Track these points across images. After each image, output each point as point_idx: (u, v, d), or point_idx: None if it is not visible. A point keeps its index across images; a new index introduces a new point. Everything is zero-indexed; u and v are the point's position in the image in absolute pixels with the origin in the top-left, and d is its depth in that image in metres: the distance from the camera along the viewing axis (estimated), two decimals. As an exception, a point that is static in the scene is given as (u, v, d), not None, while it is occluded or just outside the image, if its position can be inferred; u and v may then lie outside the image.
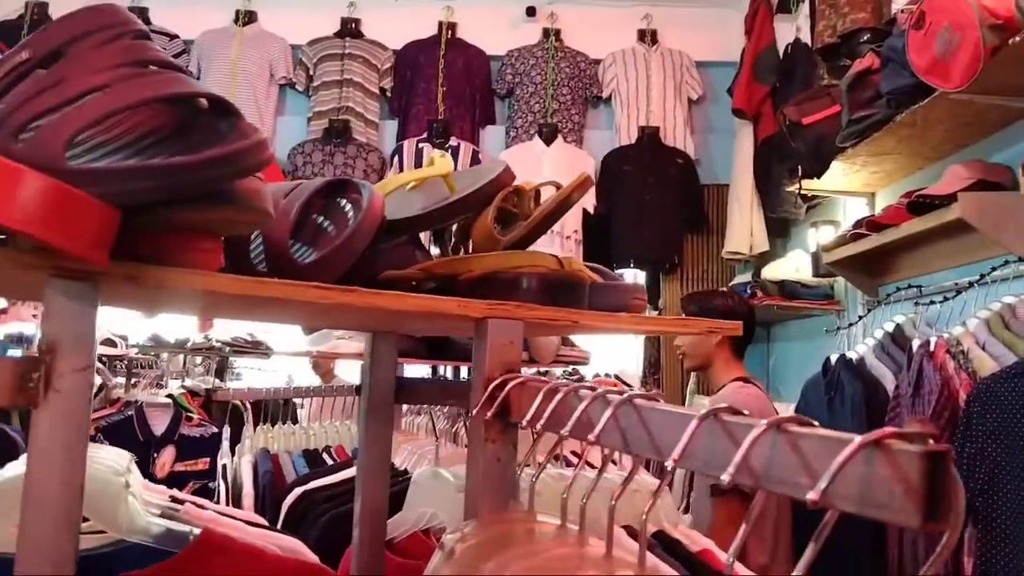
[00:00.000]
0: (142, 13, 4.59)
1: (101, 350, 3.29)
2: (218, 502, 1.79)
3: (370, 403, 0.97)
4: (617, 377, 6.30)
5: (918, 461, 0.32)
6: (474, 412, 0.65)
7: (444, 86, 4.57)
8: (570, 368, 5.53)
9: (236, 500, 1.77)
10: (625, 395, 0.50)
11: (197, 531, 0.84)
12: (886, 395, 2.52)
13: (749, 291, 3.65)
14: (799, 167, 2.97)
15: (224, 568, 0.82)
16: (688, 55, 4.68)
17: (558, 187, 0.83)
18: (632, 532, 0.87)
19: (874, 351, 2.73)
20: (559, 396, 0.56)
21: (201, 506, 1.00)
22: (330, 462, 1.89)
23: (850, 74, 2.50)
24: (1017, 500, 1.82)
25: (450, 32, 4.67)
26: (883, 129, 2.47)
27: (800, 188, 3.00)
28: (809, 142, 2.83)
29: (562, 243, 4.37)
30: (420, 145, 4.44)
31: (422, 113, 4.57)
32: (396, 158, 4.46)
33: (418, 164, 4.42)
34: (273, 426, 2.04)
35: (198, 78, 4.63)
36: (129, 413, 3.29)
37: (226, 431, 2.19)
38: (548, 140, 4.45)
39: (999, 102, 2.14)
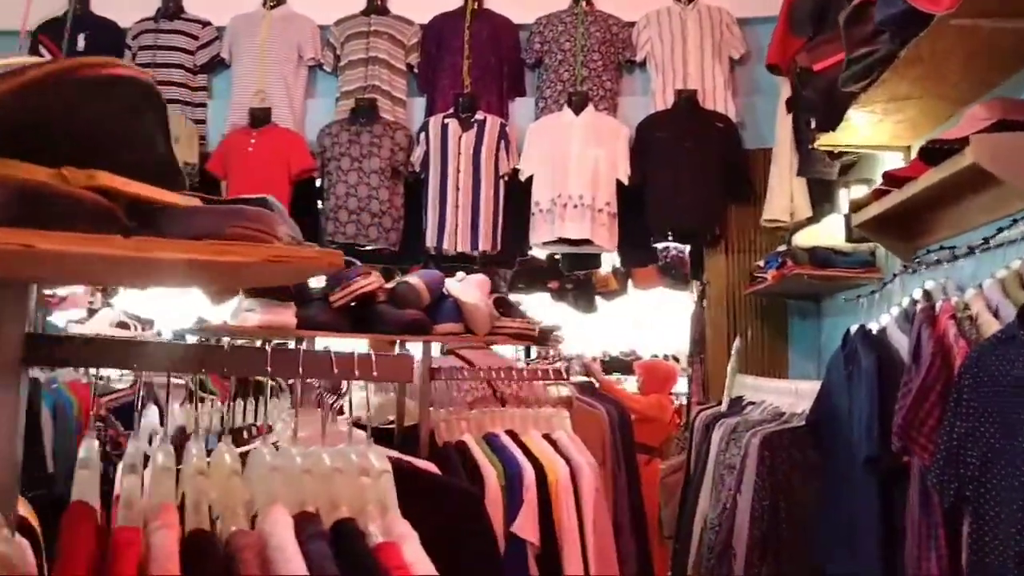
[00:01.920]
0: (176, 1, 4.66)
1: (115, 332, 3.35)
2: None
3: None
4: (674, 358, 6.05)
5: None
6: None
7: (469, 59, 4.43)
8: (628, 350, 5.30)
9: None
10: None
11: None
12: (904, 367, 2.24)
13: (780, 260, 3.37)
14: (812, 120, 2.68)
15: None
16: (728, 11, 4.36)
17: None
18: (305, 516, 0.73)
19: (897, 320, 2.44)
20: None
21: None
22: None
23: (849, 7, 2.21)
24: (1010, 487, 1.55)
25: (476, 3, 4.52)
26: (890, 69, 2.18)
27: (814, 143, 2.71)
28: (820, 90, 2.55)
29: (594, 216, 4.17)
30: (445, 121, 4.33)
31: (448, 88, 4.45)
32: (422, 135, 4.37)
33: (443, 141, 4.31)
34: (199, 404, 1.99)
35: (229, 65, 4.67)
36: (142, 394, 3.34)
37: (153, 411, 2.15)
38: (578, 109, 4.25)
39: (1007, 25, 1.83)
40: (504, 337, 1.95)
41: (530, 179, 4.27)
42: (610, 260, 5.21)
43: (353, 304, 1.80)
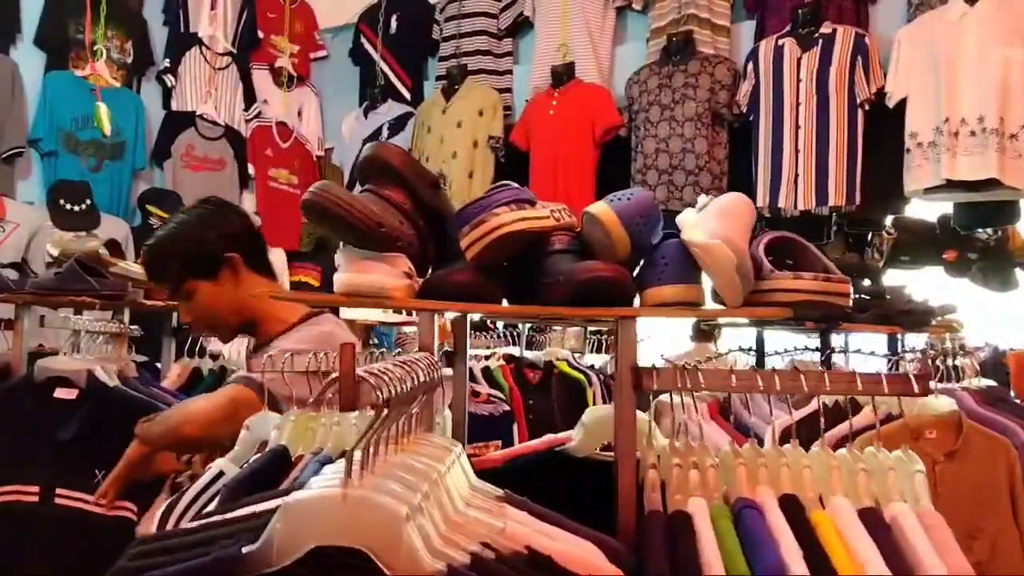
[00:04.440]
0: (476, -36, 4.30)
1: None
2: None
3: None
4: None
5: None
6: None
7: (811, -42, 3.37)
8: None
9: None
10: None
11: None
12: None
13: None
14: None
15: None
16: None
17: None
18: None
19: None
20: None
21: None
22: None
23: None
24: None
25: None
26: None
27: None
28: None
29: (1002, 146, 2.88)
30: (780, 42, 3.34)
31: (784, 3, 3.44)
32: (750, 66, 3.43)
33: (776, 68, 3.33)
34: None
35: (533, 25, 4.18)
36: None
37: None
38: (972, -3, 2.97)
39: None
40: (779, 311, 1.03)
41: (902, 103, 3.09)
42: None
43: (503, 256, 1.06)
